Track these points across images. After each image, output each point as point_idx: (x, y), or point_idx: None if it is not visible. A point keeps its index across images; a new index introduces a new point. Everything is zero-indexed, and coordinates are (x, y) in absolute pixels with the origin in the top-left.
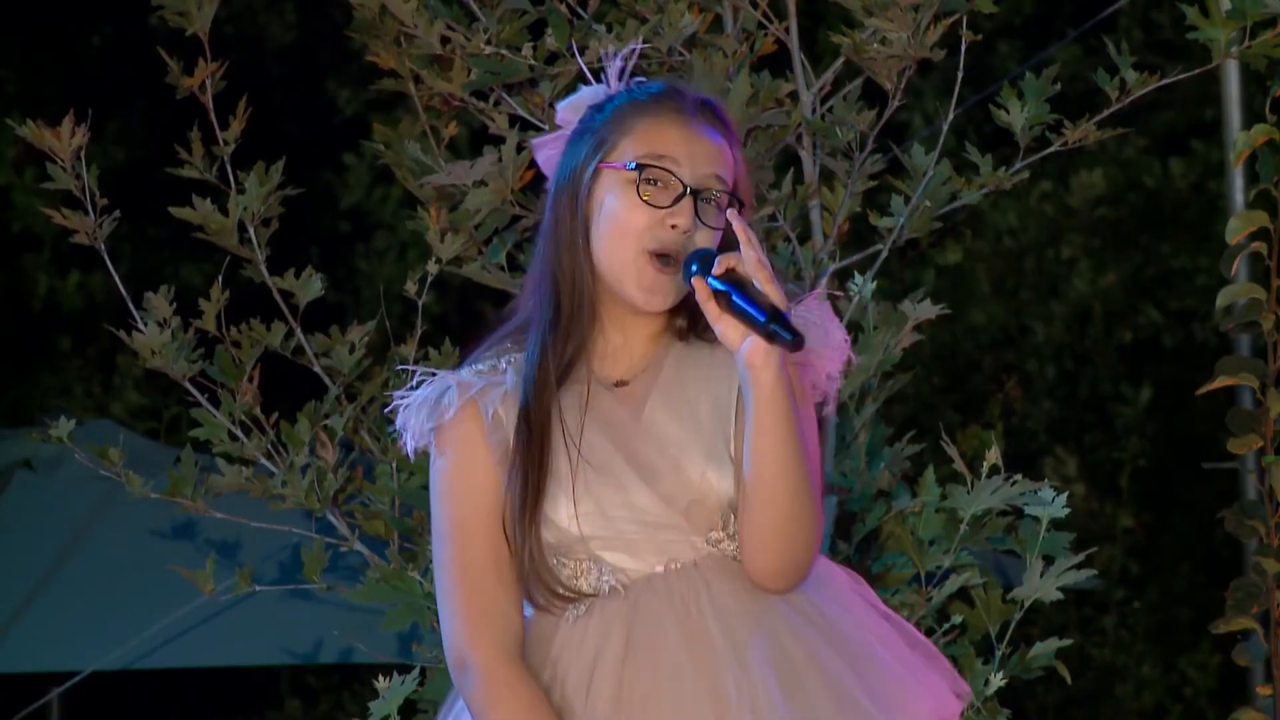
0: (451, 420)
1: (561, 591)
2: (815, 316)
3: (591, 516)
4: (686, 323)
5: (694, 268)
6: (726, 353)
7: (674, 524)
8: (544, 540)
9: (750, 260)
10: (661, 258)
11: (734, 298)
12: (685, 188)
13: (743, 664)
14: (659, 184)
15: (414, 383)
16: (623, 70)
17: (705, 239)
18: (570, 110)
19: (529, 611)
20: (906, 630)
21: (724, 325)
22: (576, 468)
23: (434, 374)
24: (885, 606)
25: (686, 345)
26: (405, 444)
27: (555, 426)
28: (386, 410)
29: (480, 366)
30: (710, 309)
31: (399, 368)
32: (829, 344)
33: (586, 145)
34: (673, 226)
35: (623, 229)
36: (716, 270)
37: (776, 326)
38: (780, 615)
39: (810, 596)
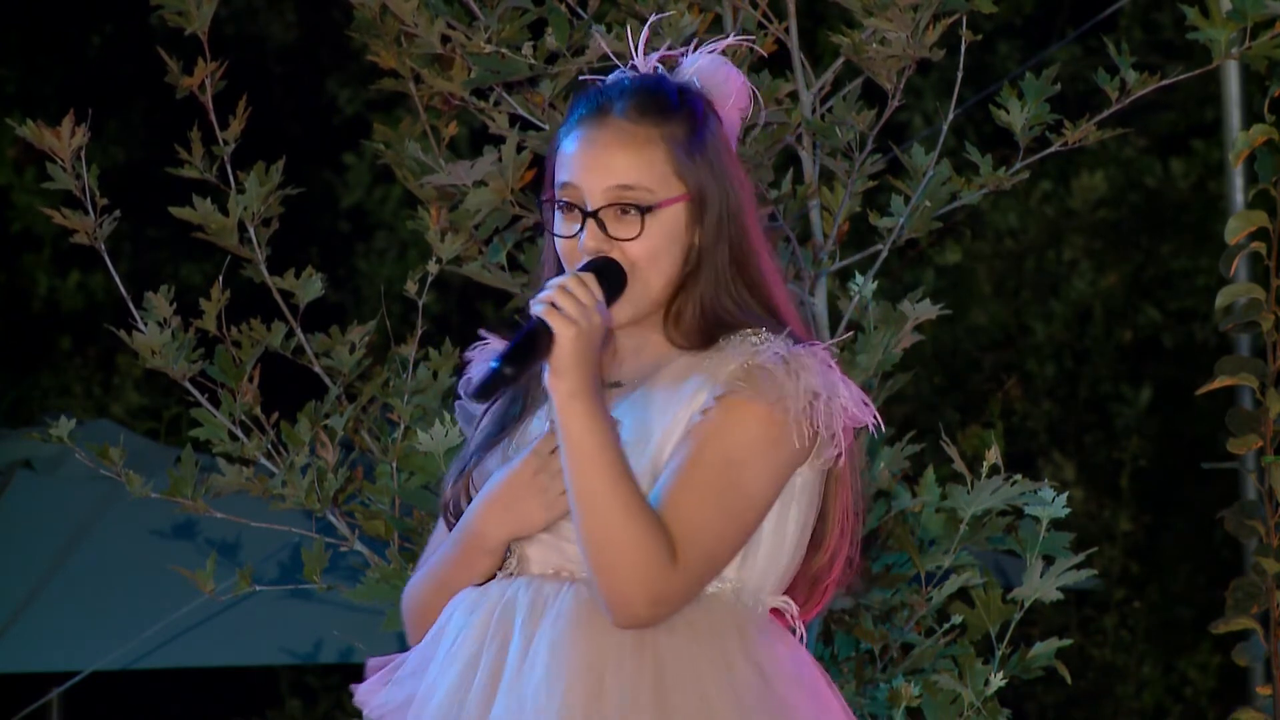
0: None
1: None
2: (812, 368)
3: None
4: (682, 332)
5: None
6: (699, 375)
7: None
8: None
9: (546, 293)
10: None
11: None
12: (583, 214)
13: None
14: (568, 210)
15: (484, 341)
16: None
17: (638, 248)
18: None
19: None
20: None
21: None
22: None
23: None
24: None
25: (691, 356)
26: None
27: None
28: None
29: None
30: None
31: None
32: (838, 396)
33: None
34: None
35: (562, 257)
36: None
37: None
38: (612, 661)
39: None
